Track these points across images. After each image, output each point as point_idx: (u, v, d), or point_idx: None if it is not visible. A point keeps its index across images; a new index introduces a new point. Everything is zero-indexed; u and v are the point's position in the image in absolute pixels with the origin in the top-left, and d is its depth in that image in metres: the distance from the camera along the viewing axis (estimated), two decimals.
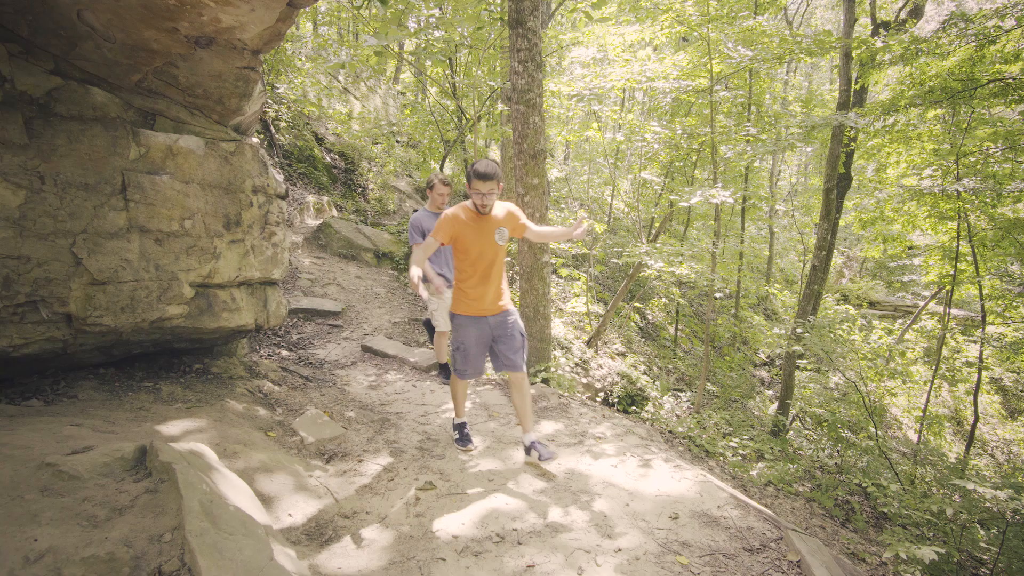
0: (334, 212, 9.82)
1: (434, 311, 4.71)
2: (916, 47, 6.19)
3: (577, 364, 6.82)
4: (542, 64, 5.29)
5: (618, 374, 7.08)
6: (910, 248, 12.44)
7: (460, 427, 3.65)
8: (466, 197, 3.16)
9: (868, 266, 18.32)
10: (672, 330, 11.19)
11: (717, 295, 9.21)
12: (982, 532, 4.57)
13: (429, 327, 5.13)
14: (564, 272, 9.33)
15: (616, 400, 6.48)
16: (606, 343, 8.40)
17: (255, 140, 4.00)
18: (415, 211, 5.05)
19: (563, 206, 12.19)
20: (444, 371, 4.97)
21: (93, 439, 2.53)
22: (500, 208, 3.18)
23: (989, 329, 9.08)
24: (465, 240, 3.15)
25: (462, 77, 9.32)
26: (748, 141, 7.94)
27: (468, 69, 9.00)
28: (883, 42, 6.66)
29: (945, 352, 10.23)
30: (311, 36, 11.70)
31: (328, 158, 11.08)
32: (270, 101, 9.44)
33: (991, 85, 6.07)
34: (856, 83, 8.33)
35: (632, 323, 9.61)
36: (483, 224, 3.14)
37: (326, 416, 3.82)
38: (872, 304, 15.96)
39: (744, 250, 9.88)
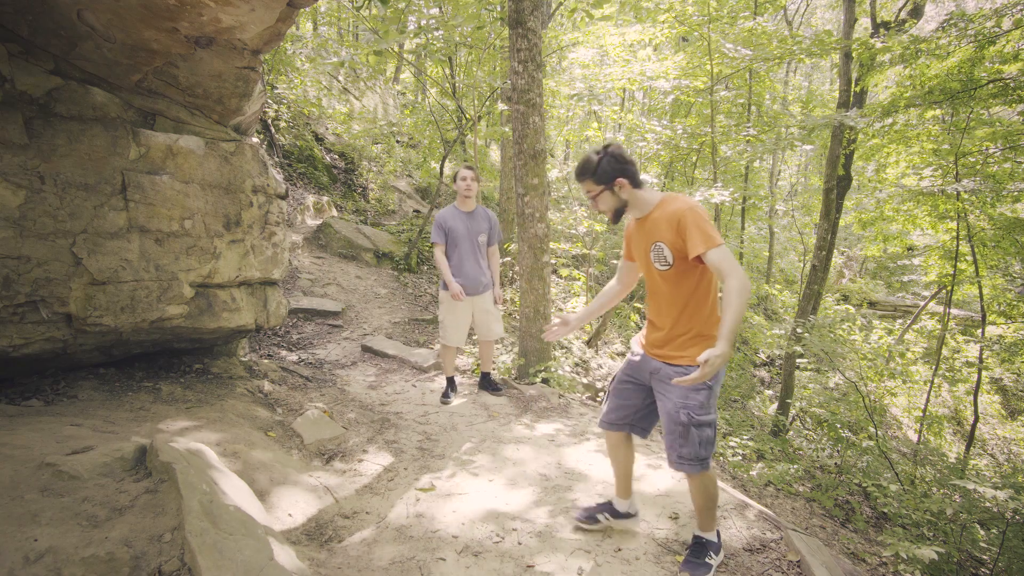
0: (334, 212, 9.82)
1: (442, 321, 4.38)
2: (916, 47, 6.19)
3: (577, 364, 6.82)
4: (542, 64, 5.29)
5: None
6: (910, 248, 12.45)
7: (607, 511, 2.60)
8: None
9: (868, 266, 18.31)
10: None
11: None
12: (982, 532, 4.57)
13: (451, 384, 4.57)
14: (564, 272, 9.33)
15: None
16: (606, 343, 8.41)
17: (255, 140, 4.00)
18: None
19: (563, 206, 12.19)
20: (449, 387, 4.51)
21: (93, 439, 2.53)
22: (667, 211, 2.15)
23: (989, 329, 9.08)
24: (632, 251, 2.40)
25: (462, 77, 9.32)
26: (748, 141, 7.95)
27: (468, 69, 9.00)
28: (883, 43, 6.66)
29: (945, 352, 10.22)
30: (311, 36, 11.70)
31: (328, 158, 11.08)
32: (270, 101, 9.44)
33: (991, 85, 6.07)
34: (856, 86, 8.34)
35: (632, 323, 9.61)
36: (640, 232, 2.28)
37: (326, 416, 3.82)
38: (872, 304, 15.95)
39: (744, 250, 9.88)
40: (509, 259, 8.57)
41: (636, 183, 2.21)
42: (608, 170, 2.19)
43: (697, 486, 2.30)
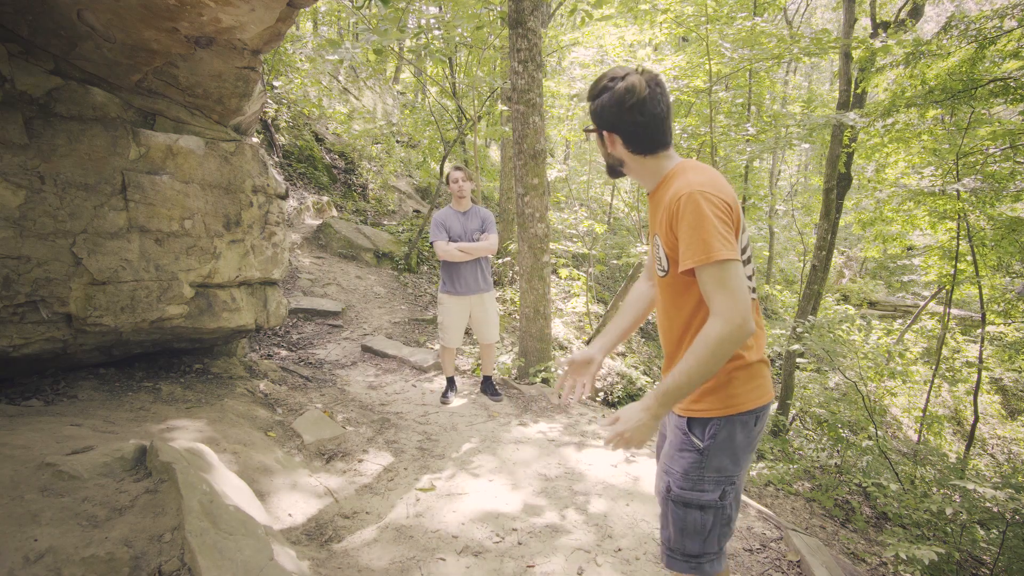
0: (334, 212, 9.82)
1: (440, 322, 4.36)
2: (918, 50, 6.19)
3: None
4: (542, 64, 5.29)
5: (618, 374, 7.08)
6: (910, 248, 12.45)
7: None
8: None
9: (868, 266, 18.31)
10: None
11: None
12: (982, 532, 4.57)
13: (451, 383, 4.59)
14: (564, 272, 9.34)
15: (616, 400, 6.49)
16: None
17: (255, 140, 4.00)
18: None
19: (563, 206, 12.20)
20: (449, 387, 4.53)
21: (93, 439, 2.53)
22: (669, 190, 1.48)
23: (989, 329, 9.08)
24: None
25: (462, 77, 9.32)
26: (748, 141, 7.95)
27: (468, 69, 9.00)
28: (882, 43, 6.67)
29: (945, 352, 10.23)
30: (311, 36, 11.70)
31: (328, 158, 11.08)
32: (270, 101, 9.44)
33: (991, 85, 6.07)
34: (857, 88, 8.34)
35: None
36: (650, 213, 1.64)
37: (326, 416, 3.82)
38: (872, 304, 15.96)
39: None
40: (509, 259, 8.57)
41: (637, 147, 1.51)
42: (601, 113, 1.51)
43: None
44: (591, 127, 1.58)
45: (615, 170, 1.63)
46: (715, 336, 1.32)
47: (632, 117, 1.46)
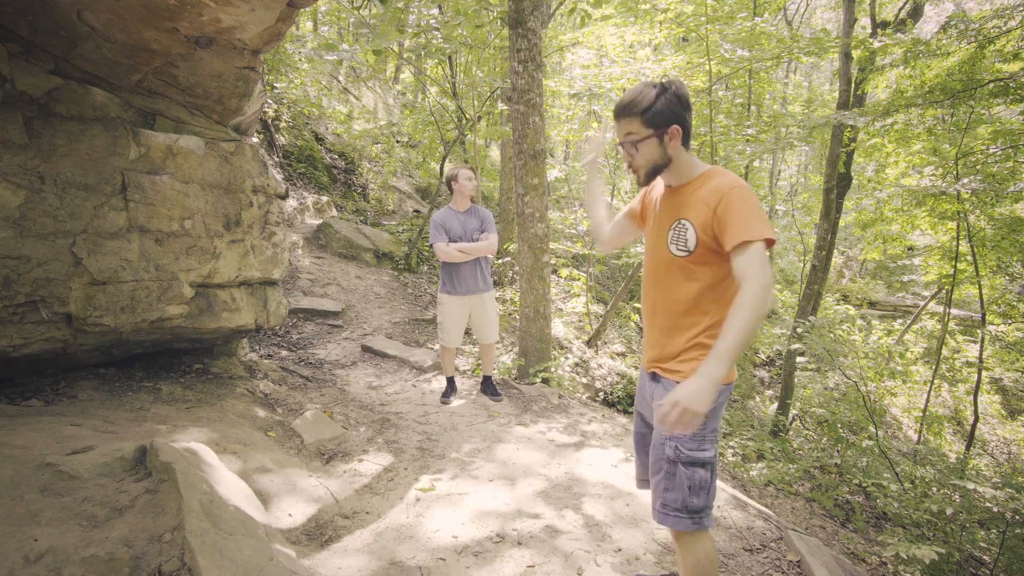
0: (334, 212, 9.82)
1: (440, 322, 4.35)
2: (917, 49, 6.19)
3: (577, 364, 6.82)
4: (542, 64, 5.29)
5: (618, 374, 7.08)
6: (910, 248, 12.46)
7: None
8: None
9: (868, 266, 18.30)
10: None
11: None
12: (982, 532, 4.57)
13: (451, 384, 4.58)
14: (564, 272, 9.34)
15: (616, 400, 6.49)
16: (606, 343, 8.40)
17: (255, 140, 4.00)
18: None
19: (563, 206, 12.20)
20: (449, 387, 4.52)
21: (93, 439, 2.53)
22: (708, 184, 1.69)
23: (989, 329, 9.08)
24: (646, 222, 1.94)
25: (462, 77, 9.33)
26: (748, 141, 7.96)
27: (468, 69, 9.01)
28: (881, 43, 6.67)
29: (945, 352, 10.23)
30: (311, 36, 11.71)
31: (328, 158, 11.09)
32: (270, 101, 9.44)
33: (991, 85, 6.07)
34: (857, 89, 8.34)
35: (632, 323, 9.61)
36: (665, 204, 1.81)
37: (326, 416, 3.82)
38: (872, 304, 15.95)
39: None
40: (509, 259, 8.57)
41: (687, 140, 1.72)
42: (665, 112, 1.66)
43: (686, 552, 1.74)
44: (643, 135, 1.69)
45: (656, 171, 1.76)
46: (755, 295, 1.49)
47: (689, 111, 1.71)
